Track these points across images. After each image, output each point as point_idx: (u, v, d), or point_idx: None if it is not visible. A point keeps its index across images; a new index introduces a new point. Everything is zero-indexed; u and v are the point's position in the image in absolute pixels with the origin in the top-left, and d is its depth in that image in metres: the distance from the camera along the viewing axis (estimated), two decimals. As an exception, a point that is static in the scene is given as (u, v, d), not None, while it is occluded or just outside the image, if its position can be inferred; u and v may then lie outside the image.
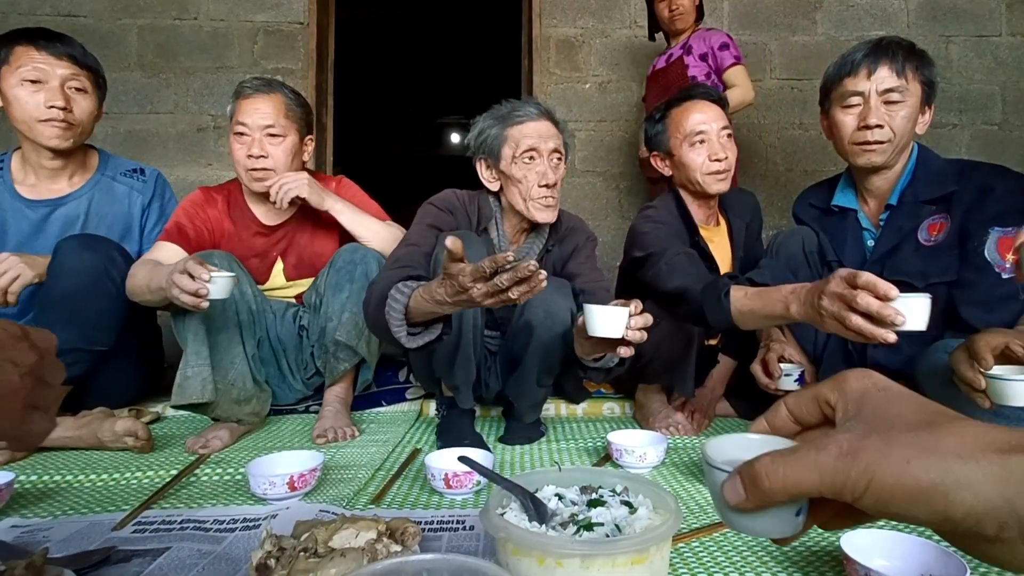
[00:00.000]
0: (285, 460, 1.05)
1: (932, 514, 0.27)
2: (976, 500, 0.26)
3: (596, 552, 0.61)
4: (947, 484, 0.26)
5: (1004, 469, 0.26)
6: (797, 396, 0.38)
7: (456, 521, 0.92)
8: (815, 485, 0.30)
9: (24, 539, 0.86)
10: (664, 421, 1.47)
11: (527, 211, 1.37)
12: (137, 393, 1.62)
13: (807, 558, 0.80)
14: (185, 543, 0.83)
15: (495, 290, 0.93)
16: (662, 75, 2.50)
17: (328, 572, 0.65)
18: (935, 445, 0.27)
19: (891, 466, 0.27)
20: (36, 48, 1.43)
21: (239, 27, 3.00)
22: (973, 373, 1.00)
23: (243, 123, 1.51)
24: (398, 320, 1.09)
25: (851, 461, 0.28)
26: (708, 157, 1.51)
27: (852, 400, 0.33)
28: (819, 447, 0.30)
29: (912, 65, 1.29)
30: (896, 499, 0.27)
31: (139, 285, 1.32)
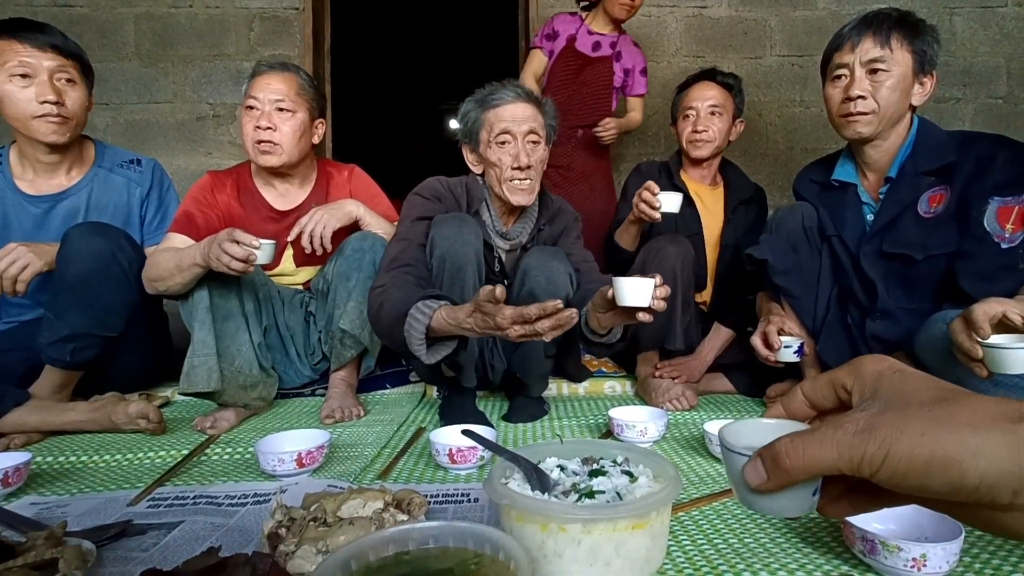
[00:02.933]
0: (293, 438, 1.07)
1: (947, 484, 0.28)
2: (990, 468, 0.27)
3: (597, 517, 0.63)
4: (961, 454, 0.27)
5: (1015, 436, 0.27)
6: (813, 382, 0.39)
7: (461, 494, 0.94)
8: (834, 461, 0.30)
9: (43, 515, 0.88)
10: (665, 395, 1.49)
11: (503, 194, 1.39)
12: (146, 378, 1.65)
13: (805, 523, 0.82)
14: (198, 517, 0.86)
15: (530, 332, 0.99)
16: (587, 63, 2.42)
17: (337, 539, 0.67)
18: (948, 418, 0.28)
19: (906, 439, 0.28)
20: (19, 41, 1.40)
21: (235, 14, 2.97)
22: (971, 343, 1.01)
23: (255, 97, 1.52)
24: (419, 339, 1.09)
25: (868, 436, 0.29)
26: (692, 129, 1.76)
27: (868, 383, 0.34)
28: (836, 425, 0.31)
29: (900, 35, 1.28)
30: (912, 471, 0.28)
31: (165, 269, 1.32)
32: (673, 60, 3.14)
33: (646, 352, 1.62)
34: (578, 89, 2.41)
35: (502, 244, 1.46)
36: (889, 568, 0.64)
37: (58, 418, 1.27)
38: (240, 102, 3.04)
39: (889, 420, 0.30)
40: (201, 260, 1.24)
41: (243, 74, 2.96)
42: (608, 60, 2.44)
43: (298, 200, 1.65)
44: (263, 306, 1.51)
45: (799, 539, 0.77)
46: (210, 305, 1.32)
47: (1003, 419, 0.27)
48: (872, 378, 0.34)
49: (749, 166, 3.13)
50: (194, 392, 1.30)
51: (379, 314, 1.19)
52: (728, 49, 3.15)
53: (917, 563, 0.62)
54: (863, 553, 0.67)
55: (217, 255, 1.20)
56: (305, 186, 1.67)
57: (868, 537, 0.66)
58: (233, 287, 1.39)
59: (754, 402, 1.57)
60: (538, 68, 2.46)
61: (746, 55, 3.16)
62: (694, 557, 0.73)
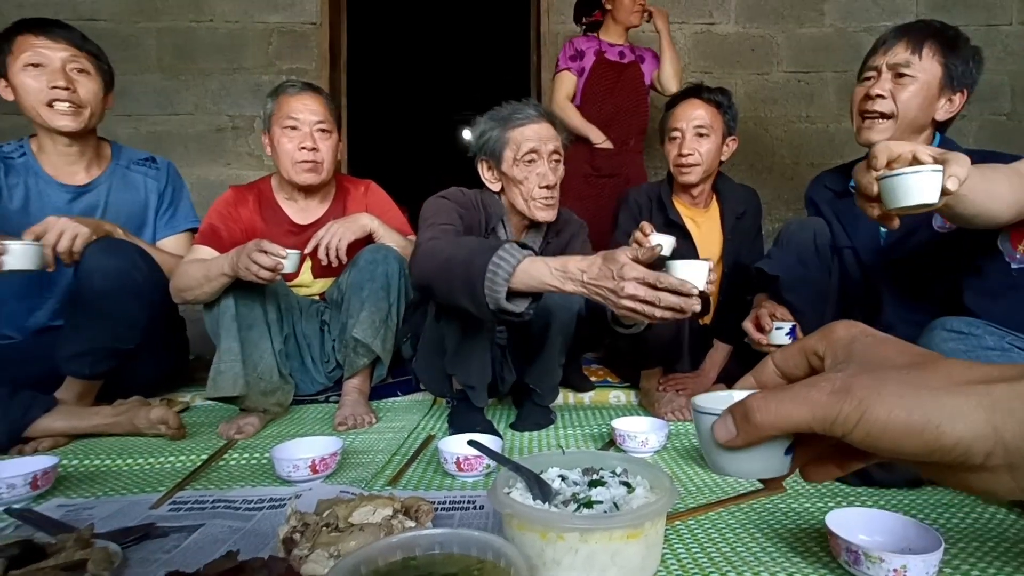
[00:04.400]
0: (307, 445, 1.12)
1: (923, 446, 0.28)
2: (966, 430, 0.27)
3: (594, 527, 0.67)
4: (939, 417, 0.27)
5: (990, 398, 0.27)
6: (784, 351, 0.39)
7: (467, 501, 0.98)
8: (806, 420, 0.31)
9: (70, 517, 0.93)
10: (668, 406, 1.52)
11: (528, 211, 1.43)
12: (166, 382, 1.71)
13: (795, 533, 0.85)
14: (217, 520, 0.91)
15: (648, 299, 0.95)
16: (621, 70, 2.53)
17: (348, 544, 0.72)
18: (925, 381, 0.29)
19: (883, 401, 0.28)
20: (34, 35, 1.47)
21: (253, 28, 3.06)
22: (868, 178, 0.96)
23: (295, 118, 1.59)
24: (504, 278, 1.04)
25: (843, 397, 0.29)
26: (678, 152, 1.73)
27: (841, 348, 0.34)
28: (810, 384, 0.31)
29: (934, 45, 1.28)
30: (888, 433, 0.28)
31: (194, 279, 1.38)
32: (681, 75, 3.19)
33: (651, 369, 1.64)
34: (619, 98, 2.51)
35: None
36: (872, 579, 0.67)
37: (84, 422, 1.33)
38: (258, 114, 3.14)
39: (866, 382, 0.30)
40: (229, 270, 1.31)
41: (261, 87, 3.08)
42: (636, 64, 2.55)
43: (318, 214, 1.72)
44: (284, 315, 1.57)
45: (788, 548, 0.80)
46: (236, 314, 1.39)
47: (977, 381, 0.28)
48: (845, 343, 0.34)
49: (755, 180, 3.17)
50: (219, 397, 1.37)
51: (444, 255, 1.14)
52: (735, 65, 3.21)
53: (898, 573, 0.65)
54: (848, 563, 0.70)
55: (246, 264, 1.26)
56: (325, 201, 1.75)
57: (852, 548, 0.69)
58: (257, 297, 1.45)
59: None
60: (570, 89, 2.55)
61: (753, 71, 3.22)
62: (687, 565, 0.77)
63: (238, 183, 3.03)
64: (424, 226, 1.34)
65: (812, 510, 0.93)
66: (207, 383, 1.38)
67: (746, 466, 0.36)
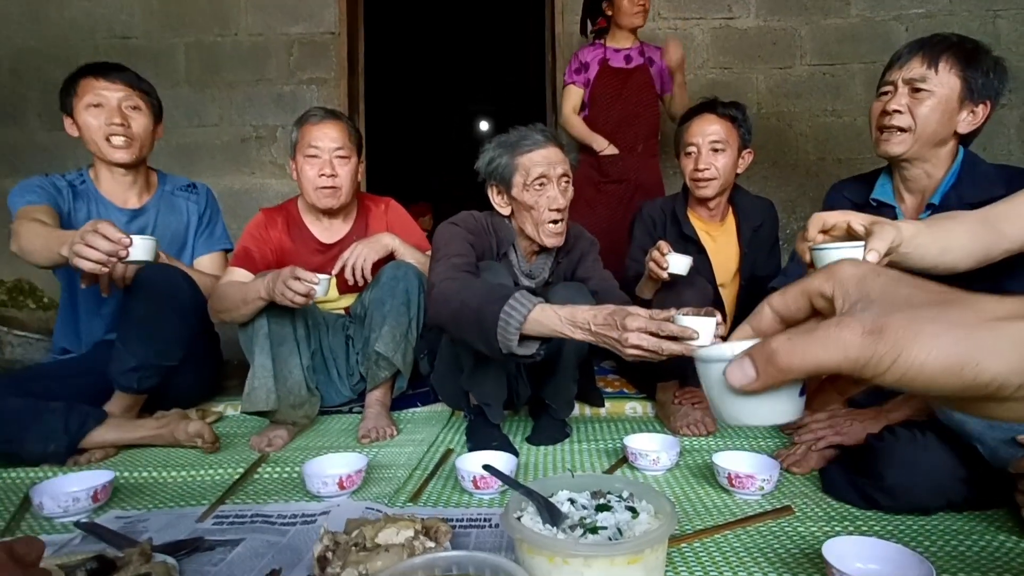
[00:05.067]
0: (335, 461, 1.20)
1: (959, 384, 0.28)
2: (1003, 365, 0.27)
3: (597, 553, 0.72)
4: (979, 354, 0.27)
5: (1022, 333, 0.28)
6: (782, 293, 0.37)
7: (484, 519, 1.05)
8: (836, 362, 0.30)
9: (127, 528, 1.03)
10: (683, 420, 1.55)
11: (537, 236, 1.47)
12: (203, 394, 1.84)
13: (796, 558, 0.89)
14: (256, 535, 0.99)
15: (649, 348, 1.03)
16: (627, 76, 2.52)
17: (375, 564, 0.79)
18: (960, 319, 0.28)
19: (922, 342, 0.28)
20: (95, 78, 1.63)
21: (276, 40, 3.16)
22: (802, 247, 1.07)
23: (316, 146, 1.69)
24: (515, 327, 1.11)
25: (878, 338, 0.29)
26: (694, 167, 1.75)
27: (852, 286, 0.33)
28: (837, 325, 0.30)
29: (950, 59, 1.28)
30: (925, 373, 0.28)
31: (231, 302, 1.48)
32: (700, 72, 3.13)
33: (667, 381, 1.68)
34: (625, 104, 2.51)
35: (527, 284, 1.55)
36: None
37: (131, 434, 1.44)
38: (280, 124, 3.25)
39: (900, 322, 0.29)
40: (265, 294, 1.40)
41: (284, 97, 3.18)
42: (644, 68, 2.54)
43: (341, 233, 1.82)
44: (311, 332, 1.66)
45: (789, 572, 0.84)
46: (268, 332, 1.48)
47: (1010, 316, 0.28)
48: (856, 281, 0.33)
49: (779, 177, 3.11)
50: (253, 412, 1.47)
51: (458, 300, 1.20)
52: (756, 60, 3.14)
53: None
54: (843, 592, 0.74)
55: (281, 291, 1.35)
56: (347, 221, 1.84)
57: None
58: (287, 315, 1.54)
59: (769, 428, 1.62)
60: (576, 102, 2.57)
61: (775, 65, 3.13)
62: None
63: (263, 192, 3.18)
64: (437, 257, 1.39)
65: (818, 534, 0.97)
66: (242, 398, 1.48)
67: (762, 412, 0.35)
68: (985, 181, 1.30)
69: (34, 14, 3.16)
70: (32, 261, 1.43)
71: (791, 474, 1.24)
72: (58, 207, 1.60)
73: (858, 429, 1.23)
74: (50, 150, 3.11)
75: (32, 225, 1.44)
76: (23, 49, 3.17)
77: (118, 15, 3.16)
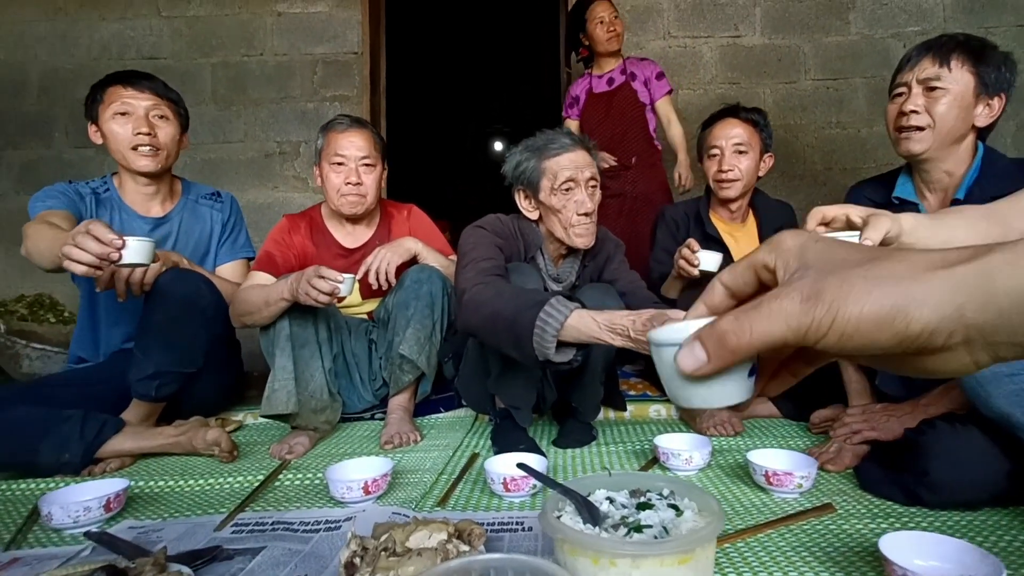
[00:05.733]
0: (359, 466, 1.16)
1: (893, 337, 0.28)
2: (932, 314, 0.27)
3: (645, 552, 0.68)
4: (908, 304, 0.28)
5: (952, 280, 0.28)
6: (731, 268, 0.37)
7: (516, 523, 1.00)
8: (782, 333, 0.30)
9: (140, 538, 0.98)
10: (710, 420, 1.51)
11: (567, 238, 1.44)
12: (223, 403, 1.81)
13: (846, 556, 0.84)
14: (277, 543, 0.95)
15: None
16: (610, 98, 2.59)
17: (407, 570, 0.75)
18: (889, 271, 0.29)
19: (854, 298, 0.28)
20: (123, 86, 1.62)
21: (300, 60, 3.22)
22: None
23: (342, 155, 1.70)
24: (552, 334, 1.09)
25: (815, 303, 0.29)
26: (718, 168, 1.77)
27: (792, 256, 0.33)
28: (777, 296, 0.31)
29: (961, 56, 1.30)
30: (860, 330, 0.28)
31: (253, 305, 1.47)
32: (709, 88, 3.23)
33: None
34: (613, 123, 2.58)
35: (554, 287, 1.52)
36: (933, 607, 0.66)
37: (149, 443, 1.41)
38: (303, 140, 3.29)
39: (833, 283, 0.29)
40: (288, 295, 1.39)
41: (307, 114, 3.22)
42: (626, 84, 2.59)
43: (364, 238, 1.81)
44: (333, 335, 1.64)
45: (840, 571, 0.80)
46: (290, 334, 1.46)
47: (938, 267, 0.28)
48: (796, 251, 0.33)
49: (787, 188, 3.14)
50: (273, 415, 1.44)
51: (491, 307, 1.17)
52: (763, 75, 3.23)
53: (960, 603, 0.64)
54: (906, 590, 0.69)
55: (306, 290, 1.33)
56: (370, 226, 1.84)
57: (910, 574, 0.68)
58: (309, 317, 1.52)
59: (798, 427, 1.57)
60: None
61: (781, 80, 3.23)
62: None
63: (286, 206, 3.20)
64: (465, 262, 1.35)
65: (864, 531, 0.92)
66: (262, 401, 1.45)
67: (714, 395, 0.35)
68: (1006, 175, 1.32)
69: (65, 36, 3.24)
70: (38, 263, 1.40)
71: (826, 472, 1.19)
72: (78, 213, 1.58)
73: (894, 424, 1.20)
74: (77, 167, 3.17)
75: (40, 227, 1.41)
76: (53, 69, 3.24)
77: (147, 37, 3.23)
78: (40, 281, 3.06)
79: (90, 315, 1.70)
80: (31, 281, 3.10)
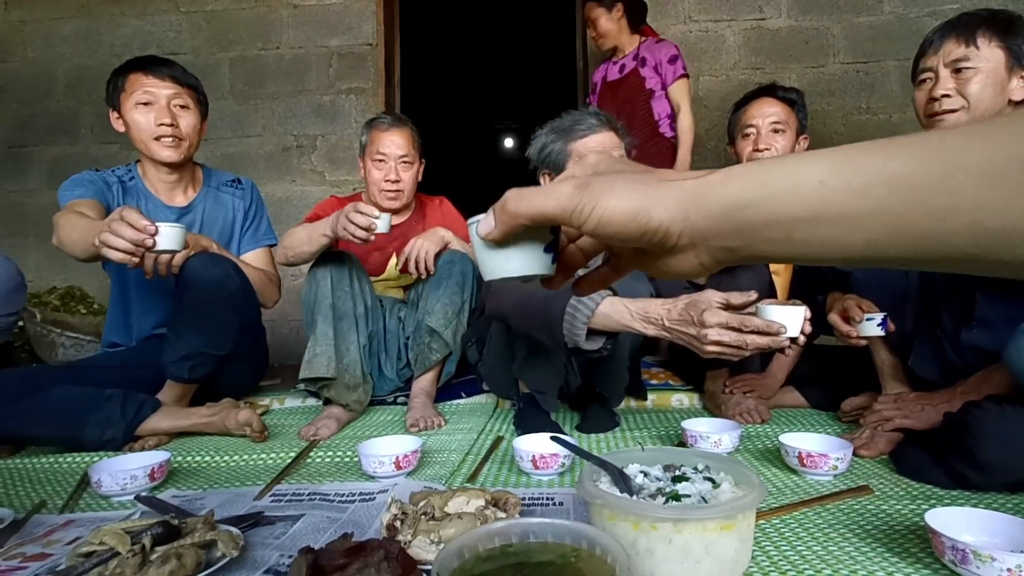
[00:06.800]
0: (389, 443, 1.18)
1: (637, 229, 0.35)
2: (665, 214, 0.35)
3: (688, 517, 0.68)
4: (648, 205, 0.35)
5: (682, 191, 0.35)
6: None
7: (546, 498, 1.01)
8: (552, 209, 0.37)
9: (185, 505, 1.01)
10: (735, 408, 1.50)
11: None
12: (250, 388, 1.84)
13: (887, 533, 0.83)
14: (316, 511, 0.97)
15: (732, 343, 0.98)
16: (617, 86, 2.56)
17: (448, 531, 0.76)
18: (643, 180, 0.36)
19: (614, 194, 0.35)
20: (144, 74, 1.62)
21: (316, 52, 3.24)
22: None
23: (383, 153, 1.80)
24: (583, 321, 1.08)
25: (583, 191, 0.36)
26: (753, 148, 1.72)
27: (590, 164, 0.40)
28: (560, 181, 0.38)
29: (988, 32, 1.27)
30: (613, 220, 0.35)
31: (299, 239, 1.55)
32: (732, 73, 3.14)
33: (717, 369, 1.63)
34: (618, 110, 2.50)
35: (580, 272, 1.52)
36: (981, 578, 0.65)
37: (184, 422, 1.44)
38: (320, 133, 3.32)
39: (601, 181, 0.36)
40: (330, 231, 1.45)
41: (323, 107, 3.24)
42: (634, 71, 2.55)
43: (402, 219, 1.90)
44: (370, 313, 1.68)
45: (885, 549, 0.79)
46: (332, 303, 1.53)
47: (676, 180, 0.36)
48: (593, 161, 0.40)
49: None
50: (314, 377, 1.49)
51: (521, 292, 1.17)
52: (788, 59, 3.13)
53: (1012, 573, 0.63)
54: (954, 563, 0.68)
55: (344, 224, 1.39)
56: (405, 213, 1.93)
57: (959, 547, 0.67)
58: (348, 291, 1.58)
59: (827, 415, 1.55)
60: None
61: (808, 64, 3.12)
62: (779, 562, 0.77)
63: (304, 199, 3.24)
64: None
65: (904, 511, 0.91)
66: (301, 366, 1.50)
67: (512, 264, 0.41)
68: None
69: (88, 34, 3.30)
70: (70, 253, 1.42)
71: (860, 458, 1.18)
72: (106, 202, 1.61)
73: (930, 413, 1.18)
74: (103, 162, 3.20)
75: (71, 217, 1.44)
76: (77, 66, 3.31)
77: (167, 33, 3.28)
78: (71, 273, 3.13)
79: (122, 302, 1.73)
80: (63, 274, 3.17)
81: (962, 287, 1.32)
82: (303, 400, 1.83)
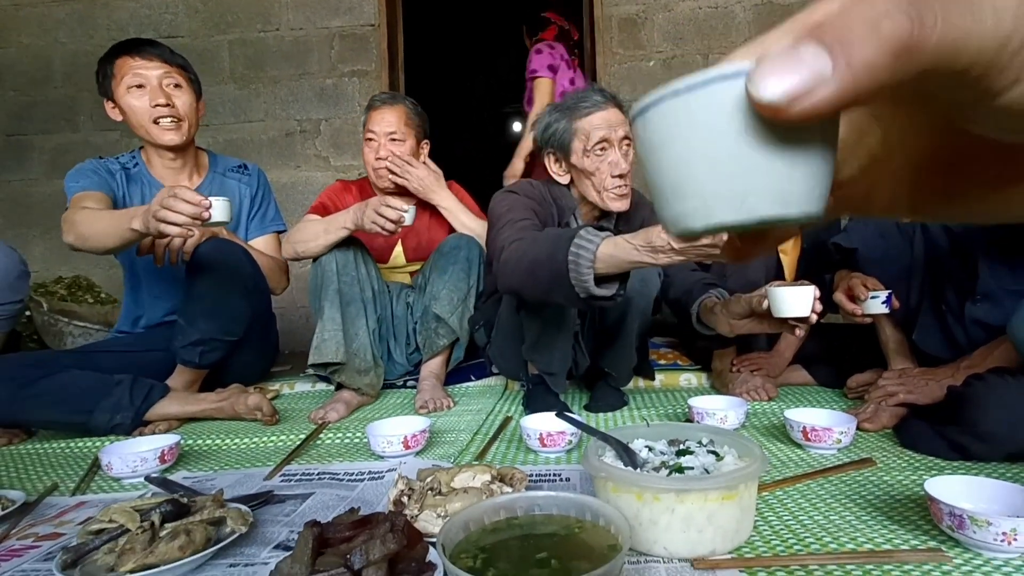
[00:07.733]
0: (398, 423, 1.19)
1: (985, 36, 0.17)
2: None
3: (689, 487, 0.69)
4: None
5: None
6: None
7: (553, 474, 1.02)
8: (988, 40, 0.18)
9: (195, 486, 1.03)
10: (743, 386, 1.50)
11: (601, 202, 1.41)
12: (260, 374, 1.86)
13: (888, 503, 0.84)
14: (325, 489, 0.99)
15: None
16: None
17: (454, 505, 0.77)
18: None
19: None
20: (131, 56, 1.59)
21: (317, 34, 3.19)
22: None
23: (372, 131, 1.78)
24: (587, 265, 1.05)
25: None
26: None
27: None
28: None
29: None
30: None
31: (312, 233, 1.56)
32: None
33: (724, 348, 1.63)
34: None
35: None
36: (978, 542, 0.66)
37: (193, 407, 1.46)
38: (323, 117, 3.29)
39: None
40: (351, 224, 1.47)
41: (326, 90, 3.21)
42: None
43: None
44: (378, 297, 1.69)
45: (885, 518, 0.80)
46: (338, 289, 1.53)
47: None
48: None
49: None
50: (323, 363, 1.50)
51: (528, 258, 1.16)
52: None
53: (1007, 537, 0.64)
54: (951, 528, 0.69)
55: (372, 218, 1.41)
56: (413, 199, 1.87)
57: (956, 512, 0.68)
58: (355, 276, 1.58)
59: (834, 393, 1.56)
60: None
61: None
62: (781, 531, 0.78)
63: (309, 185, 3.22)
64: (500, 224, 1.34)
65: (905, 482, 0.92)
66: (310, 352, 1.51)
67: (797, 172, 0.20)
68: None
69: (82, 18, 3.27)
70: (94, 247, 1.41)
71: (863, 431, 1.19)
72: (111, 192, 1.60)
73: (934, 387, 1.18)
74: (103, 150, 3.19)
75: (85, 213, 1.44)
76: (74, 53, 3.28)
77: (163, 15, 3.24)
78: (76, 264, 3.14)
79: (134, 290, 1.74)
80: (69, 263, 3.19)
81: (966, 260, 1.31)
82: (313, 385, 1.84)
